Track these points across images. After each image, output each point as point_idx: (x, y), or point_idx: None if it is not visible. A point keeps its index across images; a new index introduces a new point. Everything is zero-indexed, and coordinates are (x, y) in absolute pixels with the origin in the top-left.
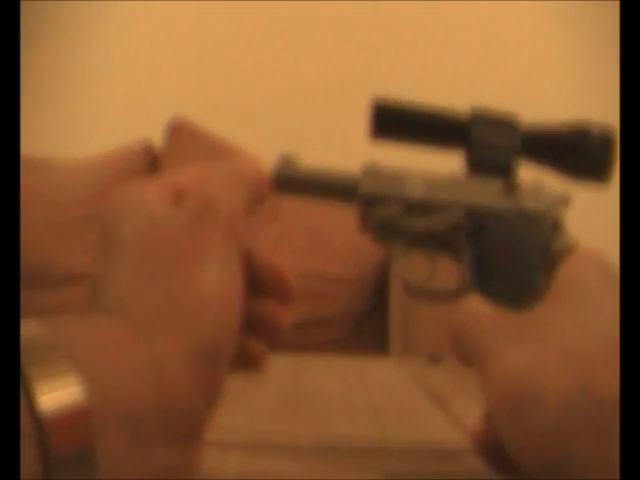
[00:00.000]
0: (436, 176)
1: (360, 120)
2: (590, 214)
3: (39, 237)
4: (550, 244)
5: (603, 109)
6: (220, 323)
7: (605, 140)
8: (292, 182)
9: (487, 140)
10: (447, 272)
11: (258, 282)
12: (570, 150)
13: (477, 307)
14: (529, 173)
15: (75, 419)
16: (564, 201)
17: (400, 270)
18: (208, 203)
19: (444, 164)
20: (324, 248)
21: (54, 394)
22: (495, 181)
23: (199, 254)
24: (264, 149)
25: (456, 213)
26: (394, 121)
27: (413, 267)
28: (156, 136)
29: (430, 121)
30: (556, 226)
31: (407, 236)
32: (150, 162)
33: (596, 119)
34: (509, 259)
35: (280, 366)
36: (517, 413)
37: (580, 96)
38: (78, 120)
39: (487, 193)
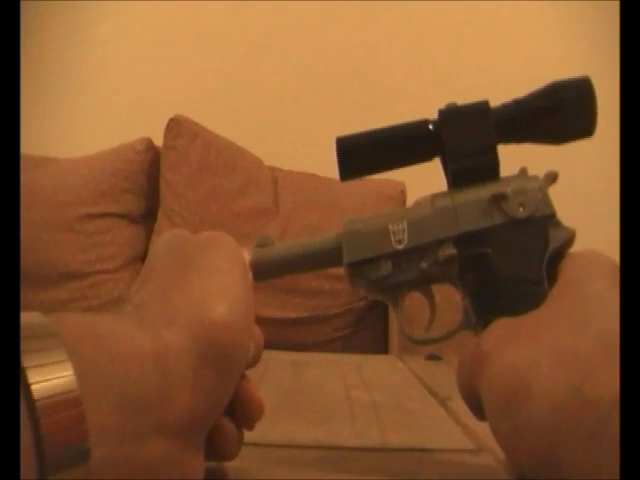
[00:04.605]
0: (419, 212)
1: (359, 119)
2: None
3: (38, 236)
4: (548, 243)
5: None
6: (226, 325)
7: (580, 93)
8: (271, 268)
9: (461, 142)
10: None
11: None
12: (549, 118)
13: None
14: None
15: (67, 405)
16: (551, 180)
17: (399, 318)
18: (218, 234)
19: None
20: None
21: (46, 382)
22: (479, 191)
23: (211, 263)
24: (263, 146)
25: (446, 249)
26: (363, 156)
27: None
28: (156, 135)
29: (399, 143)
30: (549, 218)
31: (401, 287)
32: (151, 160)
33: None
34: (510, 275)
35: (280, 364)
36: (508, 409)
37: None
38: (78, 120)
39: (473, 213)
